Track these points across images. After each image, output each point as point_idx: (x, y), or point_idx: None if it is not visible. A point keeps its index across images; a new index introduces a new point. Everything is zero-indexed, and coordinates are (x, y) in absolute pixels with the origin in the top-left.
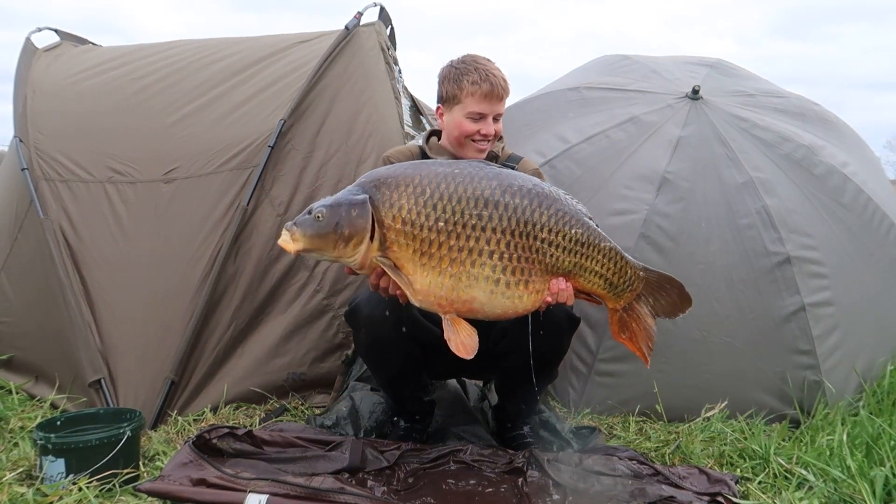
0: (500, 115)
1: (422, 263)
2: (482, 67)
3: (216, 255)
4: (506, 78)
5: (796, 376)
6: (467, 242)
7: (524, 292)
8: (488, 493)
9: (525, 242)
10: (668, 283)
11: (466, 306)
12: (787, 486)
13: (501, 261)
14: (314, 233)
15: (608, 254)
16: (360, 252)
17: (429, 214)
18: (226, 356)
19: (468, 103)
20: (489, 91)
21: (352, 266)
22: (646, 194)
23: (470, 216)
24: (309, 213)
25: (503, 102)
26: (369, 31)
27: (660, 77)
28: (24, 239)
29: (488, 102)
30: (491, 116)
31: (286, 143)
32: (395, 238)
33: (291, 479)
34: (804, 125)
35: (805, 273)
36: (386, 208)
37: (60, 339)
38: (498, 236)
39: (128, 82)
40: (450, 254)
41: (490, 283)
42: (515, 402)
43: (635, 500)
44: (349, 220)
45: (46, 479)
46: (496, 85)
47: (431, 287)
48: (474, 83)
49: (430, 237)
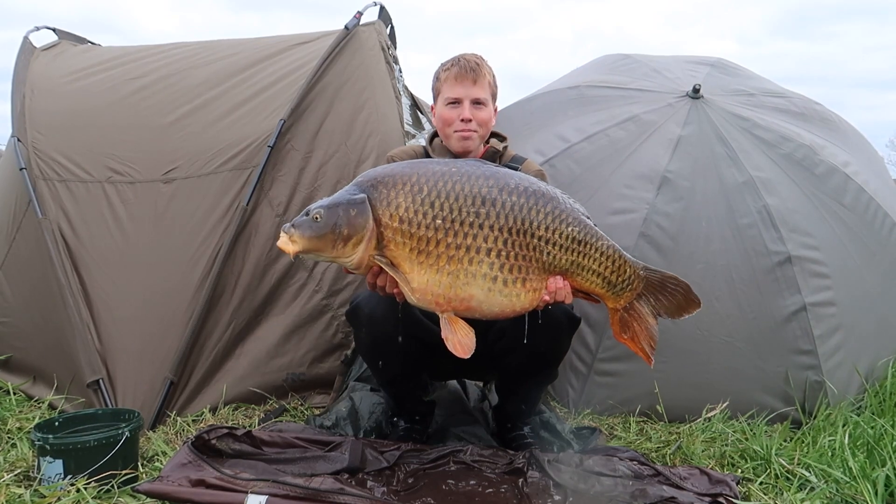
0: (478, 100)
1: (419, 262)
2: (457, 56)
3: (215, 255)
4: (480, 62)
5: (797, 376)
6: (464, 240)
7: (521, 290)
8: (488, 493)
9: (522, 240)
10: (672, 284)
11: (464, 304)
12: (788, 487)
13: (499, 258)
14: (312, 234)
15: (606, 252)
16: (359, 252)
17: (426, 213)
18: (225, 356)
19: (444, 90)
20: (458, 73)
21: (349, 266)
22: (646, 193)
23: (467, 214)
24: (306, 214)
25: (480, 86)
26: (369, 31)
27: (660, 76)
28: (22, 239)
29: (461, 85)
30: (468, 101)
31: (286, 144)
32: (393, 236)
33: (291, 480)
34: (805, 125)
35: (806, 273)
36: (383, 207)
37: (59, 339)
38: (495, 234)
39: (127, 82)
40: (447, 251)
41: (487, 280)
42: (516, 403)
43: (636, 500)
44: (348, 219)
45: (44, 480)
46: (465, 67)
47: (429, 285)
48: (446, 69)
49: (428, 235)
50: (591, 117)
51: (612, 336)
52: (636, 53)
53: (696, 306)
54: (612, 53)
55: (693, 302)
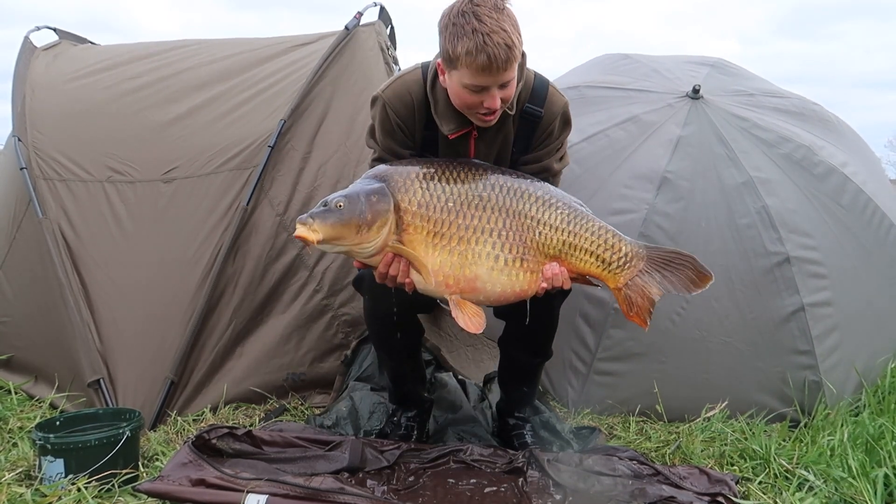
0: (507, 82)
1: (433, 244)
2: (480, 30)
3: (216, 255)
4: (511, 42)
5: (796, 376)
6: (472, 221)
7: (520, 270)
8: (488, 493)
9: (517, 221)
10: (678, 259)
11: (470, 284)
12: (787, 487)
13: (500, 238)
14: (336, 220)
15: (597, 231)
16: (381, 237)
17: (439, 196)
18: (225, 356)
19: (465, 74)
20: (485, 65)
21: (368, 253)
22: (646, 194)
23: (473, 196)
24: (324, 205)
25: (510, 70)
26: (369, 31)
27: (660, 76)
28: (22, 239)
29: (487, 75)
30: (495, 87)
31: (286, 144)
32: (412, 221)
33: (291, 479)
34: (804, 125)
35: (804, 273)
36: (402, 193)
37: (59, 338)
38: (496, 215)
39: (127, 81)
40: (458, 232)
41: (490, 259)
42: (518, 385)
43: (635, 500)
44: (370, 205)
45: (45, 480)
46: (495, 57)
47: (441, 266)
48: (469, 54)
49: (442, 217)
50: (591, 118)
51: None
52: (636, 53)
53: (707, 279)
54: (612, 53)
55: (704, 275)
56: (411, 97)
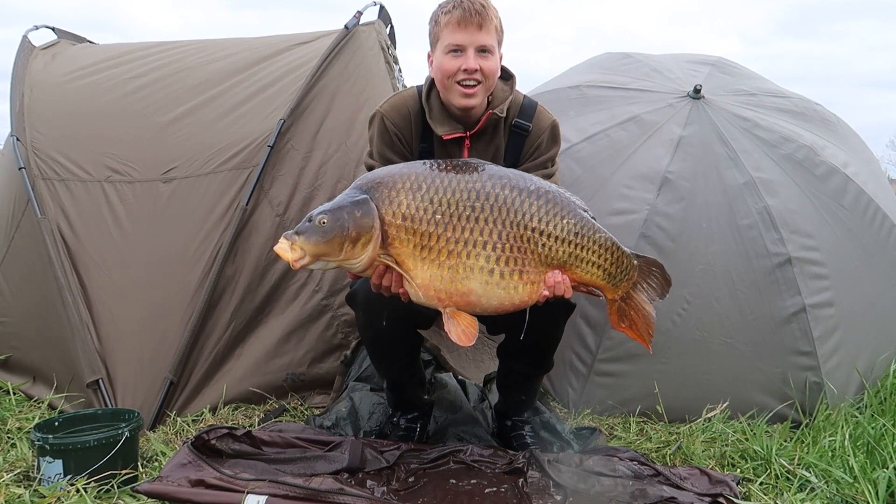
0: (484, 47)
1: (422, 257)
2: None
3: (215, 255)
4: (485, 3)
5: (797, 377)
6: (462, 234)
7: (518, 283)
8: (488, 493)
9: (516, 233)
10: (653, 267)
11: (464, 299)
12: (788, 488)
13: (495, 251)
14: (319, 239)
15: (605, 244)
16: (368, 252)
17: (426, 208)
18: (225, 356)
19: (444, 36)
20: (461, 17)
21: (357, 268)
22: (646, 194)
23: (464, 208)
24: (309, 220)
25: (486, 32)
26: (369, 31)
27: (661, 76)
28: (21, 239)
29: (464, 31)
30: (472, 48)
31: (285, 143)
32: (397, 234)
33: (290, 480)
34: (806, 125)
35: (806, 274)
36: (386, 206)
37: (58, 339)
38: (490, 227)
39: (126, 81)
40: (447, 246)
41: (485, 273)
42: (516, 393)
43: (636, 500)
44: (354, 220)
45: (44, 481)
46: (469, 9)
47: (431, 280)
48: (447, 12)
49: (430, 230)
50: (592, 117)
51: (611, 327)
52: (637, 52)
53: (669, 285)
54: (613, 52)
55: (668, 281)
56: (408, 109)
